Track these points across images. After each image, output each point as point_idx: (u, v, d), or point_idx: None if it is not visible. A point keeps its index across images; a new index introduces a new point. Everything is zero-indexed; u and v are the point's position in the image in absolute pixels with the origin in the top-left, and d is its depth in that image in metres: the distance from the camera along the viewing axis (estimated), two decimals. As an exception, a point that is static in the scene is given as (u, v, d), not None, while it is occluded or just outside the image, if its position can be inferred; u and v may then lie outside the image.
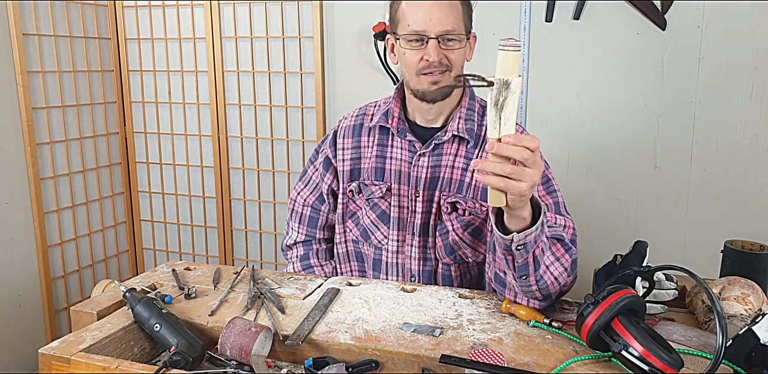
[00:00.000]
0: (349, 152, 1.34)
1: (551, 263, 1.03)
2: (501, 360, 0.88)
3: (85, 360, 0.91)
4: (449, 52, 1.16)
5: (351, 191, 1.35)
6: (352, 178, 1.34)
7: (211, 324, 1.05)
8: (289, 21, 2.40)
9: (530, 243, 0.96)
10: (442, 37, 1.15)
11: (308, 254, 1.46)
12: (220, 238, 2.70)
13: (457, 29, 1.16)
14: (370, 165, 1.32)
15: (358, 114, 1.38)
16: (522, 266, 1.00)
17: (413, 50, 1.17)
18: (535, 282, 1.02)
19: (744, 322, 1.00)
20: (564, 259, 1.05)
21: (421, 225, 1.28)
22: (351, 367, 0.94)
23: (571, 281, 1.10)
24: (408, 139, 1.28)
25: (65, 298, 2.47)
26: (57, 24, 2.36)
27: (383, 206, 1.32)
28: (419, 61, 1.17)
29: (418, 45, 1.17)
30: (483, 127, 1.26)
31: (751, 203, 2.01)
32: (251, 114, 2.54)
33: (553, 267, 1.04)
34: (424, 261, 1.31)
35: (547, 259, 1.02)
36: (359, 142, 1.34)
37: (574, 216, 1.26)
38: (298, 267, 1.45)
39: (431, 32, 1.14)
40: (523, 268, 1.01)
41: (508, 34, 2.14)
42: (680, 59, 1.99)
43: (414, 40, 1.16)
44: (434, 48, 1.15)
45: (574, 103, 2.13)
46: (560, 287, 1.06)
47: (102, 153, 2.63)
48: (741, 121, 1.97)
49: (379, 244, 1.34)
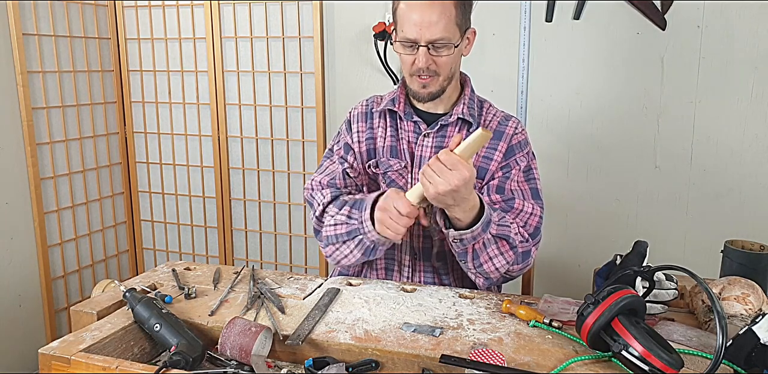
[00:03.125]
0: (364, 134, 1.39)
1: (495, 256, 1.19)
2: (501, 360, 0.88)
3: (85, 360, 0.91)
4: (438, 58, 1.23)
5: (370, 166, 1.38)
6: (369, 156, 1.38)
7: (211, 324, 1.05)
8: (289, 21, 2.40)
9: (467, 239, 1.14)
10: (431, 44, 1.21)
11: (342, 207, 1.29)
12: (220, 238, 2.70)
13: (446, 37, 1.20)
14: (386, 143, 1.37)
15: (367, 103, 1.44)
16: (460, 253, 1.18)
17: (406, 54, 1.25)
18: (473, 268, 1.20)
19: (744, 322, 1.00)
20: (508, 254, 1.20)
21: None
22: (351, 367, 0.94)
23: (519, 269, 1.25)
24: (414, 119, 1.34)
25: (65, 298, 2.46)
26: (57, 24, 2.36)
27: (401, 183, 1.35)
28: (411, 64, 1.25)
29: (410, 50, 1.23)
30: (483, 116, 1.36)
31: (751, 203, 2.01)
32: (251, 114, 2.54)
33: (496, 259, 1.19)
34: (424, 239, 1.35)
35: (491, 252, 1.18)
36: (372, 124, 1.39)
37: (574, 216, 1.28)
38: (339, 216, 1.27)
39: (421, 40, 1.20)
40: (461, 255, 1.19)
41: (508, 34, 2.14)
42: (680, 59, 1.99)
43: (407, 46, 1.23)
44: (423, 55, 1.22)
45: (574, 103, 2.13)
46: (501, 275, 1.22)
47: (102, 153, 2.63)
48: (741, 121, 1.97)
49: None
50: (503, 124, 1.34)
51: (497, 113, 1.37)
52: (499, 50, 2.16)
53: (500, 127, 1.33)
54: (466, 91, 1.35)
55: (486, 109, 1.38)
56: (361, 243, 1.21)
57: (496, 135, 1.32)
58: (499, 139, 1.32)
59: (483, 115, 1.36)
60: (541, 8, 2.08)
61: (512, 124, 1.35)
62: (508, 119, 1.36)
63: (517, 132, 1.34)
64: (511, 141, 1.32)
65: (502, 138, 1.32)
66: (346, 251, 1.25)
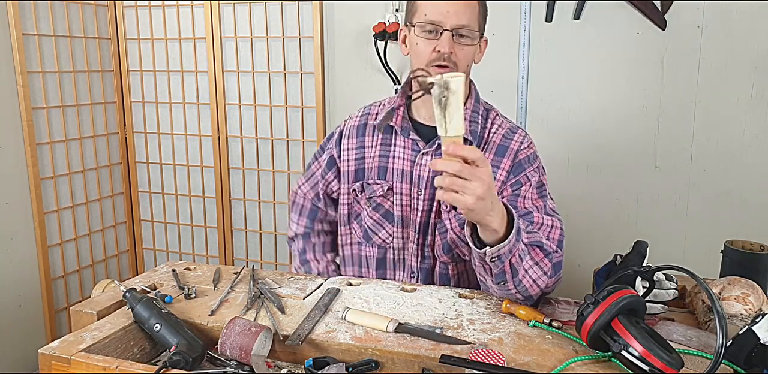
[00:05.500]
0: (354, 152, 1.35)
1: (530, 267, 1.06)
2: (501, 360, 0.88)
3: (85, 360, 0.91)
4: (459, 48, 1.17)
5: (354, 191, 1.35)
6: (356, 178, 1.35)
7: (211, 324, 1.05)
8: (289, 21, 2.40)
9: (504, 254, 0.98)
10: (456, 30, 1.16)
11: (305, 248, 1.49)
12: (220, 238, 2.70)
13: (471, 25, 1.17)
14: (373, 164, 1.33)
15: (363, 114, 1.39)
16: (499, 274, 1.03)
17: (426, 40, 1.18)
18: (513, 287, 1.06)
19: (744, 322, 1.00)
20: (543, 263, 1.08)
21: (422, 223, 1.29)
22: (351, 367, 0.94)
23: (554, 282, 1.13)
24: (411, 137, 1.28)
25: (65, 298, 2.46)
26: (57, 24, 2.36)
27: (386, 205, 1.32)
28: (431, 52, 1.17)
29: (432, 36, 1.17)
30: (486, 129, 1.27)
31: (751, 203, 2.01)
32: (251, 114, 2.54)
33: (532, 270, 1.06)
34: (422, 258, 1.32)
35: (526, 264, 1.04)
36: (363, 142, 1.35)
37: (574, 216, 1.27)
38: (297, 263, 1.49)
39: (447, 24, 1.16)
40: (500, 276, 1.04)
41: (508, 34, 2.14)
42: (680, 59, 1.99)
43: (429, 30, 1.18)
44: (447, 39, 1.16)
45: (574, 103, 2.13)
46: (540, 289, 1.09)
47: (102, 153, 2.63)
48: (741, 121, 1.97)
49: (383, 244, 1.34)
50: (508, 138, 1.25)
51: (503, 124, 1.28)
52: (499, 50, 2.16)
53: (504, 142, 1.25)
54: (469, 102, 1.27)
55: (492, 119, 1.29)
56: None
57: (499, 150, 1.24)
58: (503, 156, 1.23)
59: (487, 127, 1.27)
60: (541, 8, 2.08)
61: (518, 137, 1.26)
62: (513, 132, 1.27)
63: (523, 147, 1.25)
64: (516, 157, 1.23)
65: (505, 154, 1.23)
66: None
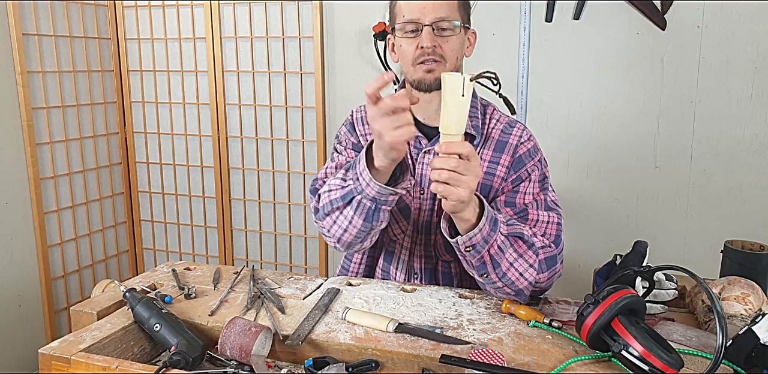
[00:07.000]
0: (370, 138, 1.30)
1: (515, 260, 1.07)
2: (501, 360, 0.88)
3: (85, 360, 0.91)
4: (443, 41, 1.16)
5: None
6: None
7: (211, 324, 1.05)
8: (289, 21, 2.40)
9: (479, 243, 1.01)
10: (436, 24, 1.15)
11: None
12: (220, 238, 2.70)
13: (451, 16, 1.16)
14: None
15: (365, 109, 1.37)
16: (479, 265, 1.05)
17: (408, 39, 1.18)
18: (498, 279, 1.07)
19: (744, 322, 1.00)
20: (528, 255, 1.08)
21: (424, 221, 1.28)
22: (351, 367, 0.94)
23: (547, 277, 1.13)
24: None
25: (65, 298, 2.46)
26: (57, 24, 2.36)
27: (407, 199, 1.28)
28: (414, 50, 1.17)
29: (414, 34, 1.17)
30: (486, 124, 1.26)
31: (751, 203, 2.01)
32: (251, 114, 2.54)
33: (517, 263, 1.07)
34: (426, 259, 1.31)
35: (510, 256, 1.06)
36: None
37: (574, 216, 1.26)
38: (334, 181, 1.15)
39: (425, 19, 1.15)
40: (480, 267, 1.05)
41: (508, 34, 2.14)
42: (680, 59, 1.99)
43: (410, 30, 1.17)
44: (428, 34, 1.15)
45: (574, 103, 2.13)
46: (529, 283, 1.09)
47: (102, 153, 2.63)
48: (741, 121, 1.97)
49: (395, 238, 1.32)
50: (507, 133, 1.24)
51: (501, 118, 1.27)
52: (499, 50, 2.16)
53: (503, 137, 1.24)
54: None
55: (489, 114, 1.28)
56: (360, 205, 1.06)
57: (498, 146, 1.23)
58: (502, 151, 1.23)
59: (486, 122, 1.26)
60: (541, 8, 2.08)
61: (517, 131, 1.25)
62: (512, 126, 1.26)
63: (523, 140, 1.24)
64: (516, 152, 1.22)
65: (504, 150, 1.23)
66: (345, 222, 1.11)
